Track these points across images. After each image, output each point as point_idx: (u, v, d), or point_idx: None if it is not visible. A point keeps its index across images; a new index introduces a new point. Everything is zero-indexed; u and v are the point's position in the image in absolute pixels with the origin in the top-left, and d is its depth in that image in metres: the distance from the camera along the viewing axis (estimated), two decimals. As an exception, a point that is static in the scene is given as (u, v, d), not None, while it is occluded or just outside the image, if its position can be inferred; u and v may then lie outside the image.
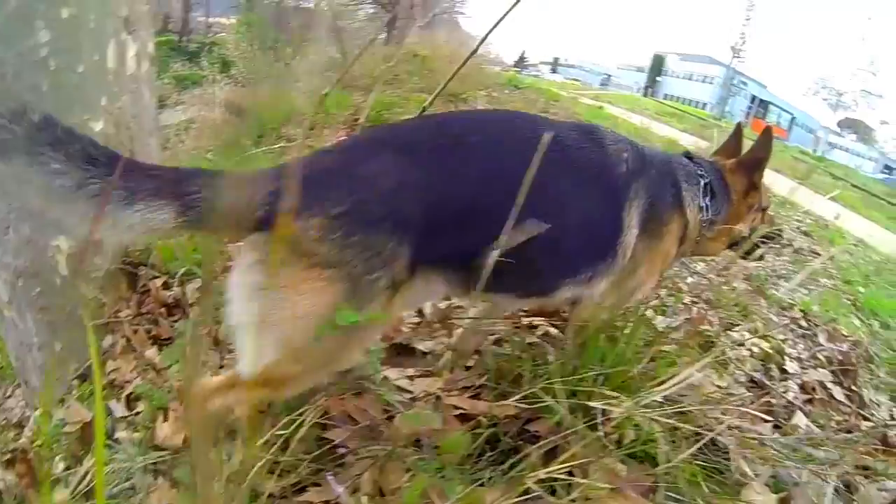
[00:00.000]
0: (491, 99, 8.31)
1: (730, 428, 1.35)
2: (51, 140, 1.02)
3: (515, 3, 1.85)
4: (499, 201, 1.10)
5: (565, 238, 1.33)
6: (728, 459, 1.43)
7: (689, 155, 1.76)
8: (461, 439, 1.32)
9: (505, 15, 1.89)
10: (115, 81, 1.93)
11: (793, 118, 50.18)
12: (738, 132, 1.90)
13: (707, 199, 1.62)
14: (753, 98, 49.14)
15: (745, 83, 47.12)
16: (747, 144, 1.85)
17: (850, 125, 53.39)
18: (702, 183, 1.62)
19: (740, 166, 1.74)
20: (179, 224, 1.08)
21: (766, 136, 1.75)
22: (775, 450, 1.48)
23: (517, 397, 1.41)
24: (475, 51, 2.51)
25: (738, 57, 42.35)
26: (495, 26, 1.97)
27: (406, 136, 1.34)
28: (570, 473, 1.32)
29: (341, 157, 1.29)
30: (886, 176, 44.38)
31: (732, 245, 1.80)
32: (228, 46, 10.17)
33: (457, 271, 1.28)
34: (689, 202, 1.58)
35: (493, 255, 1.11)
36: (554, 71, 63.17)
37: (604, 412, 1.28)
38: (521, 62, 57.72)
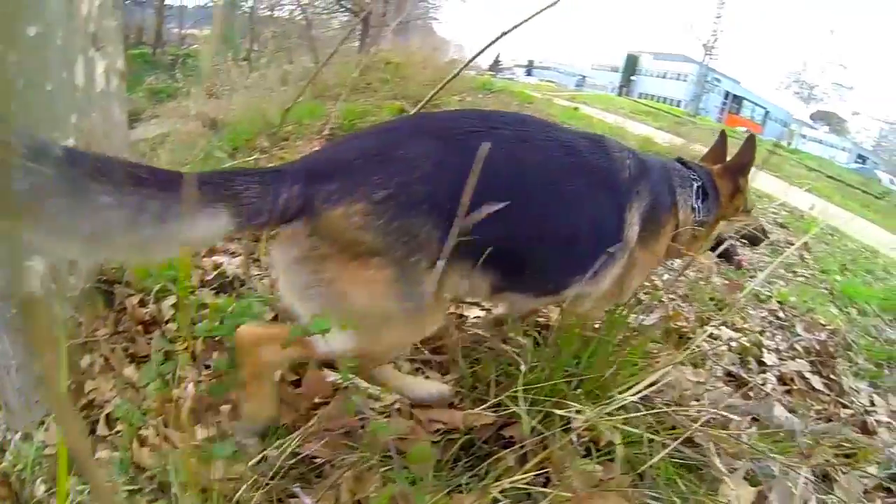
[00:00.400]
0: (464, 104, 8.34)
1: (703, 425, 1.35)
2: (89, 172, 0.92)
3: (532, 16, 1.85)
4: (524, 192, 1.21)
5: (578, 236, 1.39)
6: (705, 456, 1.43)
7: (681, 160, 1.84)
8: (428, 448, 1.32)
9: (509, 31, 1.91)
10: (85, 99, 1.91)
11: (766, 112, 51.10)
12: (722, 138, 2.00)
13: (699, 201, 1.72)
14: (727, 94, 49.94)
15: (718, 80, 47.86)
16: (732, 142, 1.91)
17: (822, 117, 54.52)
18: (695, 186, 1.72)
19: (727, 171, 1.84)
20: (234, 226, 1.08)
21: (750, 142, 1.84)
22: (748, 444, 1.47)
23: (486, 406, 1.41)
24: (471, 60, 2.49)
25: (710, 54, 43.12)
26: (496, 40, 1.97)
27: (442, 124, 1.35)
28: (547, 478, 1.33)
29: (377, 140, 1.28)
30: (860, 165, 45.39)
31: (718, 245, 1.88)
32: (202, 58, 10.11)
33: (475, 268, 1.28)
34: (683, 204, 1.68)
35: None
36: (529, 73, 63.63)
37: (579, 412, 1.27)
38: (496, 66, 58.01)
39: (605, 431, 1.36)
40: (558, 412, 1.30)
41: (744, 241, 1.97)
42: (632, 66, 54.92)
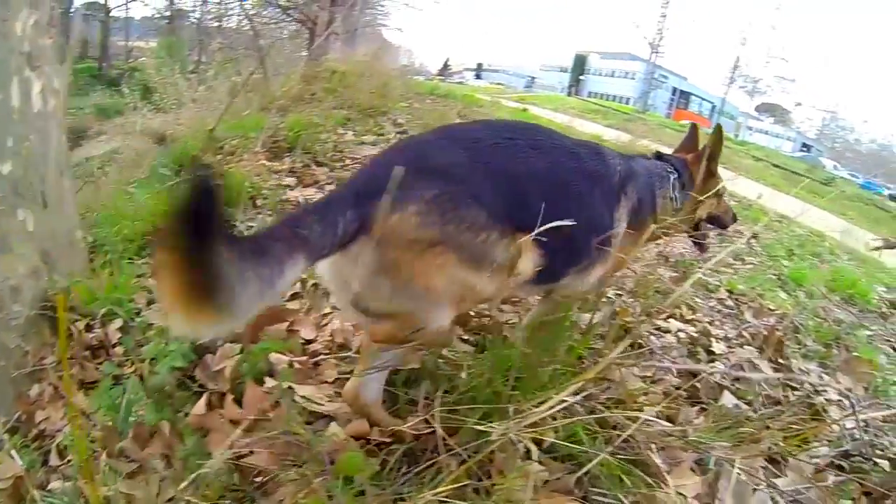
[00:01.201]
0: (412, 109, 8.33)
1: (635, 421, 1.35)
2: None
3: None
4: (538, 190, 1.40)
5: (578, 231, 1.46)
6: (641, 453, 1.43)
7: (659, 154, 2.12)
8: (359, 458, 1.32)
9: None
10: (21, 120, 1.89)
11: (713, 106, 52.75)
12: (693, 131, 2.27)
13: (676, 192, 1.96)
14: (675, 90, 51.43)
15: (665, 76, 49.23)
16: (677, 135, 1.97)
17: (767, 109, 56.78)
18: (671, 179, 1.97)
19: (699, 158, 2.05)
20: (307, 265, 1.20)
21: (718, 133, 2.08)
22: (684, 437, 1.48)
23: (413, 422, 1.39)
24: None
25: (657, 52, 44.36)
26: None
27: (467, 135, 1.55)
28: (492, 482, 1.30)
29: (412, 153, 1.44)
30: (805, 154, 47.33)
31: (696, 226, 2.12)
32: (149, 72, 9.86)
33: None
34: (661, 199, 1.92)
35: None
36: (478, 77, 64.20)
37: (518, 411, 1.25)
38: (444, 70, 58.40)
39: (549, 432, 1.35)
40: (479, 427, 1.27)
41: (712, 224, 2.23)
42: (580, 65, 55.98)
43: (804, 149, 53.24)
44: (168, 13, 28.14)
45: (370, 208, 1.23)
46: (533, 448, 1.21)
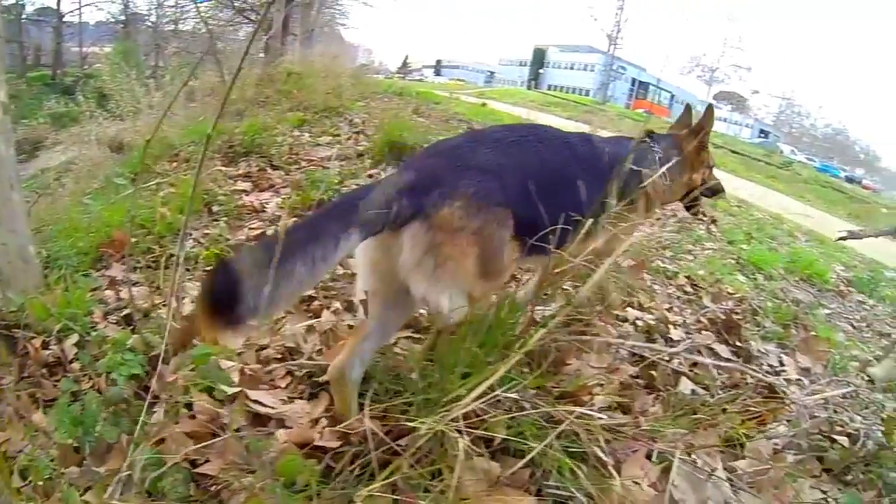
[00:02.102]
0: (368, 109, 8.26)
1: (579, 417, 1.33)
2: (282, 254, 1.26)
3: None
4: (545, 178, 1.67)
5: (574, 208, 1.70)
6: (608, 443, 1.42)
7: (650, 133, 2.33)
8: (298, 462, 1.31)
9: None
10: None
11: (672, 96, 53.78)
12: (687, 110, 2.55)
13: (663, 165, 2.13)
14: (634, 81, 52.26)
15: (624, 68, 50.02)
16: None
17: (725, 97, 58.09)
18: (657, 157, 2.19)
19: (692, 133, 2.35)
20: (361, 240, 1.42)
21: (709, 111, 2.41)
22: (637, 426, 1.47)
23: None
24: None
25: (615, 44, 45.00)
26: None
27: (492, 137, 1.83)
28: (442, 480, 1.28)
29: (450, 155, 1.70)
30: (763, 140, 48.68)
31: (690, 193, 2.38)
32: (104, 78, 9.57)
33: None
34: (652, 189, 2.12)
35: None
36: (438, 73, 64.29)
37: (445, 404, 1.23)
38: (404, 68, 58.29)
39: (499, 428, 1.33)
40: (413, 424, 1.24)
41: (706, 193, 2.45)
42: (539, 59, 56.51)
43: (762, 135, 54.73)
44: (123, 17, 27.42)
45: (424, 199, 1.48)
46: (461, 441, 1.18)
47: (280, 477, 1.28)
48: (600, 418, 1.33)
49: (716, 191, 2.51)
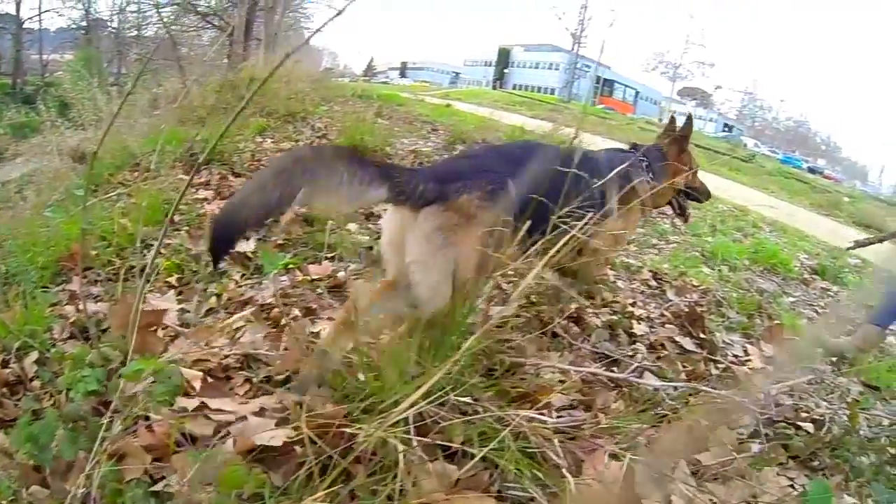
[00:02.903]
0: (332, 113, 8.20)
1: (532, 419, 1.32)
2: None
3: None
4: (546, 185, 1.78)
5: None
6: (567, 441, 1.40)
7: (634, 145, 2.63)
8: (241, 472, 1.27)
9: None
10: None
11: (637, 93, 54.67)
12: (672, 121, 2.72)
13: (650, 175, 2.40)
14: (598, 79, 52.96)
15: (588, 66, 50.64)
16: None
17: (689, 93, 59.33)
18: (643, 165, 2.42)
19: (674, 141, 2.59)
20: (387, 198, 1.69)
21: (689, 120, 2.68)
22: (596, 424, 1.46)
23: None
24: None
25: (579, 43, 45.56)
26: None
27: (504, 149, 2.27)
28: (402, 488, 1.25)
29: (474, 160, 2.06)
30: (727, 133, 49.73)
31: (677, 197, 2.63)
32: (66, 87, 9.30)
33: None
34: (639, 184, 2.23)
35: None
36: (403, 75, 64.36)
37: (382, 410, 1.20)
38: (369, 70, 58.16)
39: (456, 432, 1.31)
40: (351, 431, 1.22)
41: (692, 197, 2.71)
42: (504, 59, 56.96)
43: (726, 129, 55.96)
44: (84, 23, 26.74)
45: (448, 186, 1.74)
46: (399, 446, 1.16)
47: (224, 489, 1.24)
48: (546, 420, 1.31)
49: (702, 195, 2.75)
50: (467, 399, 1.26)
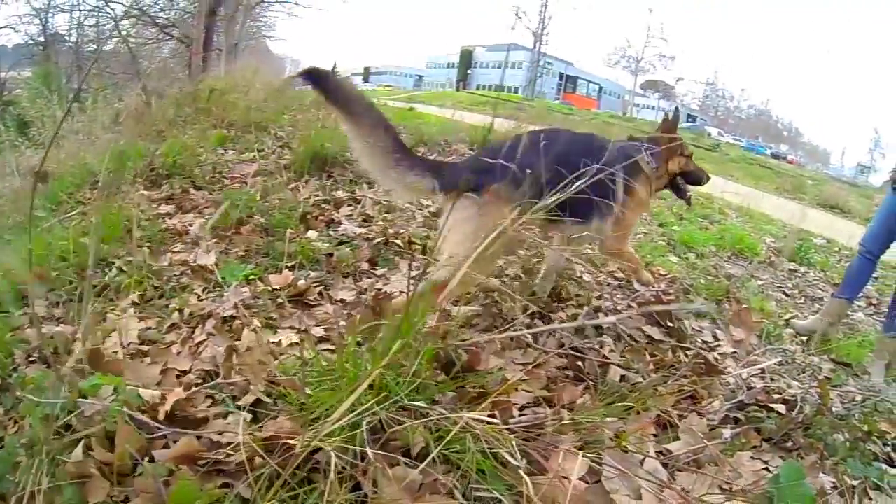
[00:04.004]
0: (294, 121, 8.10)
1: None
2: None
3: None
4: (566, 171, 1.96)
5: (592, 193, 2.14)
6: (534, 440, 1.37)
7: (632, 137, 2.95)
8: (192, 487, 1.24)
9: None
10: None
11: (600, 88, 55.36)
12: (665, 117, 3.01)
13: (651, 161, 2.73)
14: (561, 75, 53.54)
15: (550, 63, 51.20)
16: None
17: (651, 86, 60.29)
18: (644, 153, 2.72)
19: (666, 131, 2.86)
20: (434, 189, 2.14)
21: (676, 112, 3.21)
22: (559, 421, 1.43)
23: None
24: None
25: (541, 40, 45.96)
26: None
27: (533, 140, 2.28)
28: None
29: (502, 153, 2.15)
30: (691, 124, 50.63)
31: (673, 179, 2.88)
32: (24, 105, 9.01)
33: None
34: (645, 168, 2.70)
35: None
36: (366, 80, 64.21)
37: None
38: (333, 77, 57.73)
39: (417, 436, 1.27)
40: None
41: (689, 180, 2.94)
42: (467, 60, 57.16)
43: (690, 120, 56.96)
44: (42, 39, 26.03)
45: (484, 177, 2.11)
46: (333, 456, 1.11)
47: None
48: (497, 420, 1.27)
49: (698, 178, 2.98)
50: (420, 403, 1.21)
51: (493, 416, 1.38)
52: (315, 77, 2.10)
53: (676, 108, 3.22)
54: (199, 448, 1.36)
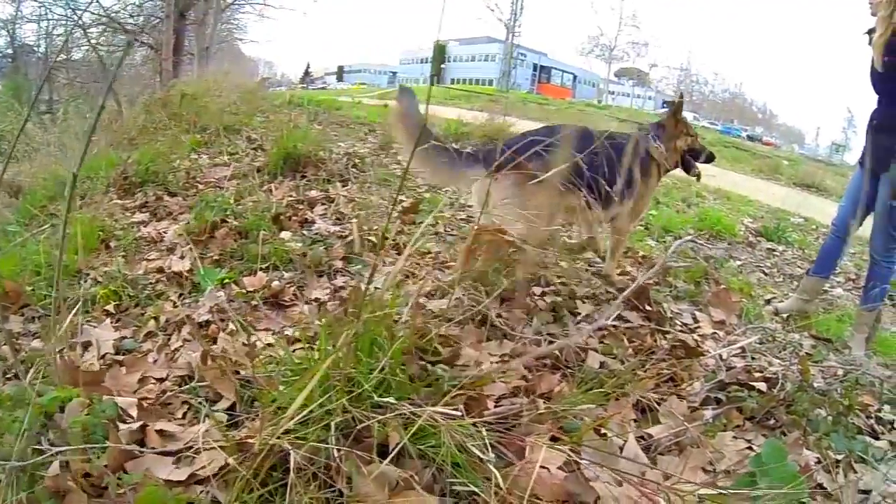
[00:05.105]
0: (267, 123, 8.02)
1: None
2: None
3: None
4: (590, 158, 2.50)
5: (612, 178, 2.74)
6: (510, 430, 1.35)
7: (640, 126, 3.33)
8: (160, 493, 1.23)
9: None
10: None
11: (575, 77, 55.60)
12: (672, 102, 3.37)
13: (660, 144, 3.06)
14: (535, 66, 53.70)
15: (524, 55, 51.23)
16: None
17: (625, 73, 60.57)
18: (651, 136, 3.08)
19: (671, 116, 3.16)
20: (483, 173, 2.49)
21: (680, 97, 3.41)
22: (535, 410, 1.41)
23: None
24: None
25: (513, 32, 45.98)
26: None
27: (556, 131, 2.62)
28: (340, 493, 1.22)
29: (530, 140, 2.35)
30: (666, 109, 50.93)
31: (682, 158, 3.17)
32: None
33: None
34: (656, 152, 3.06)
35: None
36: (340, 79, 63.95)
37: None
38: (306, 77, 57.55)
39: (392, 432, 1.25)
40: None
41: (695, 157, 3.22)
42: (440, 55, 57.06)
43: (665, 106, 57.15)
44: (10, 51, 25.44)
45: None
46: (293, 453, 1.09)
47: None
48: (456, 414, 1.25)
49: (701, 153, 3.25)
50: (390, 399, 1.19)
51: (468, 408, 1.37)
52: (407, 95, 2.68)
53: (681, 95, 3.76)
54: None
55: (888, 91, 3.06)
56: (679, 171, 3.33)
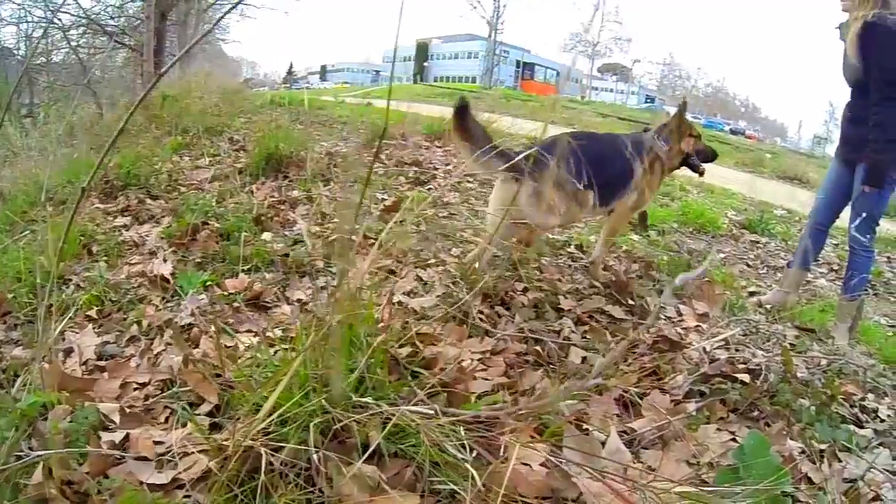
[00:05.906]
0: (250, 124, 7.96)
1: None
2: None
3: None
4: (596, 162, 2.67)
5: (617, 177, 2.94)
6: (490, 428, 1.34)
7: (646, 128, 3.38)
8: (140, 496, 1.22)
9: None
10: None
11: (558, 73, 55.70)
12: (678, 106, 3.43)
13: (664, 144, 3.14)
14: (518, 63, 53.78)
15: (507, 51, 51.32)
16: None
17: (609, 69, 60.96)
18: (654, 138, 3.16)
19: (676, 118, 3.22)
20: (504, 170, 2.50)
21: (684, 102, 3.49)
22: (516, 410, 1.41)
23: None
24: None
25: (496, 29, 46.02)
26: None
27: (575, 136, 2.70)
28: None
29: (549, 147, 2.39)
30: (649, 104, 51.39)
31: (686, 158, 3.27)
32: None
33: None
34: (659, 153, 3.11)
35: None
36: (323, 79, 63.67)
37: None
38: (289, 77, 57.28)
39: (372, 432, 1.24)
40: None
41: (699, 157, 3.34)
42: (422, 53, 57.02)
43: (648, 100, 57.85)
44: None
45: (537, 167, 2.34)
46: (264, 453, 1.08)
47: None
48: (435, 412, 1.24)
49: (708, 154, 3.40)
50: (368, 399, 1.18)
51: (449, 405, 1.36)
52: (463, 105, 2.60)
53: (685, 98, 4.42)
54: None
55: (860, 84, 3.11)
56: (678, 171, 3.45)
